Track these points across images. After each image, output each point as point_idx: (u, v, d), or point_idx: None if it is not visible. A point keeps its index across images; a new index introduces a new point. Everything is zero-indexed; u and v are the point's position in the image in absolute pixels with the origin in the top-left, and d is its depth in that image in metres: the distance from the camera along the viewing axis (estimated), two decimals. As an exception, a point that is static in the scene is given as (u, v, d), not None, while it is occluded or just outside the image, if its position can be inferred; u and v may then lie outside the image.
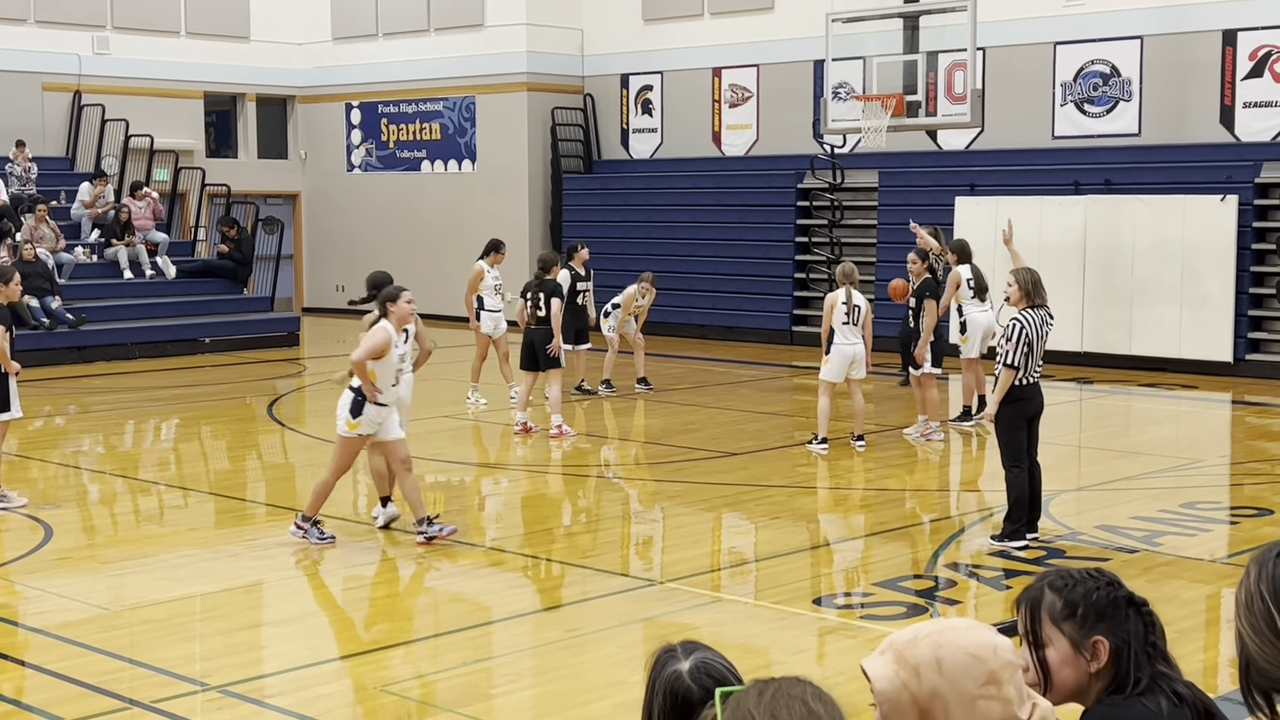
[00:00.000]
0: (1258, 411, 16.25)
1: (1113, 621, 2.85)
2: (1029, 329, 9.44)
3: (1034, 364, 9.55)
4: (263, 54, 27.44)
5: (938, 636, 2.39)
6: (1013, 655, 2.39)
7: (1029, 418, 9.70)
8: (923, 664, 2.36)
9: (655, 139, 25.16)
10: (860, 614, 8.32)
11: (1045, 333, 9.56)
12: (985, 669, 2.35)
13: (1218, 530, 10.51)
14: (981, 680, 2.34)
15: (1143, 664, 2.84)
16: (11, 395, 10.81)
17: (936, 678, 2.35)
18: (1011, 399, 9.57)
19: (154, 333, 21.46)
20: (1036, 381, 9.65)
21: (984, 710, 2.34)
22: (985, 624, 2.43)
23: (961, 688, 2.34)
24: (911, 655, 2.38)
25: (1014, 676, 2.37)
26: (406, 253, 26.73)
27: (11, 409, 10.84)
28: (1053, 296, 18.81)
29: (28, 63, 24.17)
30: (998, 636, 2.40)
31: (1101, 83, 20.21)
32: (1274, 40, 18.80)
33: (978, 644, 2.37)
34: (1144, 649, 2.85)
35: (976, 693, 2.34)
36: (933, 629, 2.42)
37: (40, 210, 21.39)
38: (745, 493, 11.66)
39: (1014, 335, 9.45)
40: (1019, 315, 9.51)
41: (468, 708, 6.72)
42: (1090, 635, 2.84)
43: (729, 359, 20.71)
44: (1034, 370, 9.57)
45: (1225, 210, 18.37)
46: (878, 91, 18.88)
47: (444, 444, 13.84)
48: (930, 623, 2.47)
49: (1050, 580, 2.95)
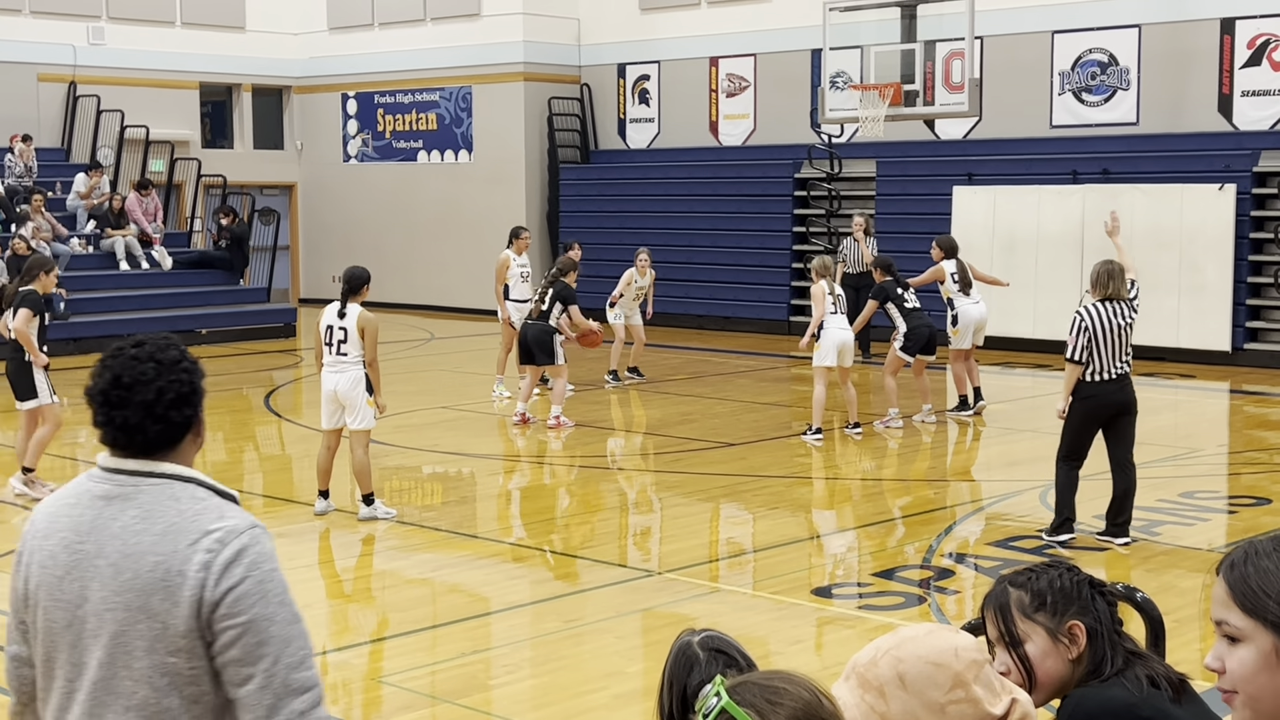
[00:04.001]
0: (1256, 400, 16.24)
1: (1082, 604, 2.87)
2: (1089, 321, 9.08)
3: (1108, 359, 9.12)
4: (258, 44, 27.38)
5: (896, 651, 2.38)
6: (977, 652, 2.36)
7: (1110, 416, 9.25)
8: (886, 684, 2.35)
9: (652, 129, 25.12)
10: (859, 604, 8.31)
11: (1119, 325, 9.10)
12: (949, 674, 2.33)
13: (1216, 519, 10.50)
14: (947, 686, 2.32)
15: (1115, 644, 2.85)
16: (39, 383, 10.93)
17: (902, 694, 2.33)
18: (1082, 395, 9.20)
19: (150, 324, 21.39)
20: (1117, 377, 9.18)
21: (956, 715, 2.32)
22: (946, 626, 2.40)
23: (929, 699, 2.32)
24: (874, 676, 2.36)
25: (980, 674, 2.35)
26: (403, 243, 26.71)
27: (40, 395, 10.96)
28: (1050, 286, 18.91)
29: (23, 53, 24.10)
30: (958, 637, 2.38)
31: (1099, 71, 20.18)
32: (1272, 28, 18.76)
33: (937, 650, 2.35)
34: (1113, 629, 2.87)
35: (944, 700, 2.32)
36: (891, 644, 2.41)
37: (37, 201, 21.35)
38: (743, 483, 11.64)
39: (1074, 328, 9.12)
40: (1081, 308, 9.22)
41: (466, 698, 6.71)
42: (1065, 621, 2.85)
43: (726, 349, 20.69)
44: (1112, 366, 9.14)
45: (1223, 199, 18.35)
46: (875, 81, 18.85)
47: (441, 434, 13.82)
48: (888, 637, 2.45)
49: (1010, 578, 2.95)
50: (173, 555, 2.75)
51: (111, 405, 2.83)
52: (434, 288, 26.29)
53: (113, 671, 2.78)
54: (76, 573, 2.82)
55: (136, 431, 2.83)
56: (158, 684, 2.76)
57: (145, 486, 2.83)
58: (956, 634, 2.39)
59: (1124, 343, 9.17)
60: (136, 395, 2.82)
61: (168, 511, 2.80)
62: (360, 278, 10.20)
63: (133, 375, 2.84)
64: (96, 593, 2.79)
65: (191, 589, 2.73)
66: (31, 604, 2.90)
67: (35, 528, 2.92)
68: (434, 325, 24.18)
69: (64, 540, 2.84)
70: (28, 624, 2.93)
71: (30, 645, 2.94)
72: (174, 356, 2.89)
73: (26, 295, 10.91)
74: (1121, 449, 9.32)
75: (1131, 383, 9.33)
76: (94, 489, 2.87)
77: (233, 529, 2.79)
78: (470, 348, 21.05)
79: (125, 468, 2.85)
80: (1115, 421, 9.29)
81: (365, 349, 9.99)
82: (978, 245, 20.22)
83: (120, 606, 2.77)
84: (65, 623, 2.83)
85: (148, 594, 2.75)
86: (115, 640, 2.77)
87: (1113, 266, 9.33)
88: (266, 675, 2.73)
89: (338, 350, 10.04)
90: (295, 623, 2.79)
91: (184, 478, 2.86)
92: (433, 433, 13.76)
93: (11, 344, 10.98)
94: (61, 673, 2.85)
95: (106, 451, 2.89)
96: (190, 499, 2.82)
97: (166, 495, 2.82)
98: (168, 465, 2.86)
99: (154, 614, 2.75)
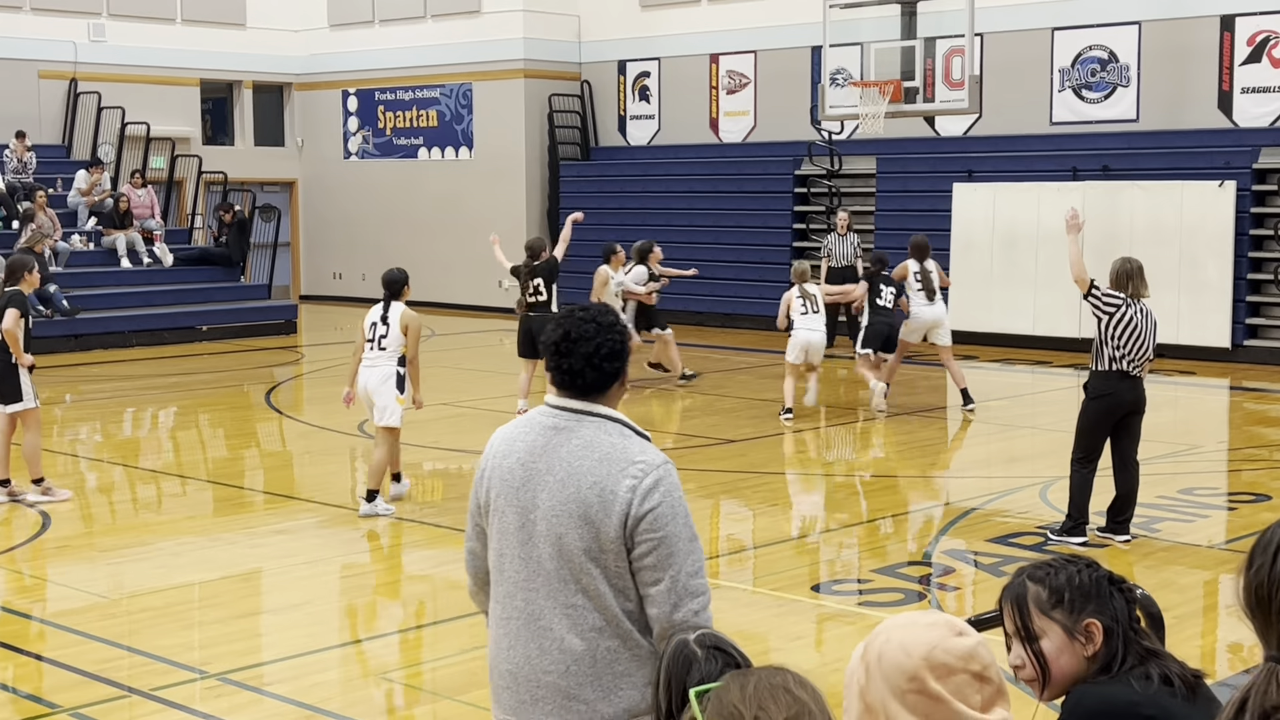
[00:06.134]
0: (1256, 397, 16.26)
1: (1100, 602, 2.85)
2: (1140, 319, 8.94)
3: (1121, 356, 9.02)
4: (259, 41, 27.38)
5: (891, 631, 2.39)
6: (958, 660, 2.34)
7: (1123, 415, 9.19)
8: (870, 658, 2.36)
9: (653, 126, 25.12)
10: (859, 600, 8.32)
11: (1137, 323, 8.96)
12: (914, 664, 2.32)
13: (1215, 516, 10.52)
14: (907, 676, 2.32)
15: (1130, 641, 2.83)
16: (24, 385, 10.62)
17: (877, 671, 2.35)
18: (1097, 394, 9.14)
19: (151, 320, 21.45)
20: (1134, 376, 9.09)
21: (912, 705, 2.31)
22: (950, 622, 2.39)
23: (893, 683, 2.33)
24: (871, 648, 2.38)
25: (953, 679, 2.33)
26: (403, 240, 26.71)
27: (24, 399, 10.65)
28: (1050, 283, 18.91)
29: (23, 50, 24.11)
30: (951, 640, 2.35)
31: (1099, 68, 20.18)
32: (1272, 25, 18.76)
33: (914, 641, 2.34)
34: (1130, 626, 2.85)
35: (905, 688, 2.32)
36: (894, 622, 2.42)
37: (39, 198, 21.36)
38: (743, 479, 11.66)
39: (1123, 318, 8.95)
40: (1137, 303, 9.05)
41: (467, 695, 6.72)
42: (1081, 619, 2.83)
43: (726, 346, 20.70)
44: (1126, 363, 9.03)
45: (1223, 196, 18.36)
46: (875, 77, 18.85)
47: (442, 431, 13.83)
48: (900, 615, 2.46)
49: (1029, 572, 2.93)
50: (607, 478, 3.50)
51: (560, 354, 3.59)
52: (434, 284, 26.25)
53: (557, 565, 3.53)
54: (530, 485, 3.59)
55: (578, 376, 3.59)
56: (590, 570, 3.50)
57: (586, 421, 3.59)
58: (955, 637, 2.37)
59: (1151, 343, 9.11)
60: (580, 348, 3.57)
61: (602, 444, 3.55)
62: (399, 280, 10.42)
63: (578, 332, 3.58)
64: (545, 501, 3.55)
65: (621, 506, 3.48)
66: (489, 510, 3.67)
67: (494, 449, 3.72)
68: (434, 322, 24.16)
69: (520, 459, 3.62)
70: (481, 526, 3.72)
71: (480, 542, 3.73)
72: (610, 320, 3.64)
73: (13, 295, 10.64)
74: (1128, 447, 9.30)
75: (1143, 383, 9.34)
76: (545, 421, 3.64)
77: (651, 462, 3.54)
78: (471, 344, 21.06)
79: (569, 406, 3.62)
80: (1125, 420, 9.26)
81: (408, 345, 10.25)
82: (978, 242, 20.25)
83: (565, 514, 3.52)
84: (518, 524, 3.59)
85: (586, 506, 3.50)
86: (560, 540, 3.51)
87: (1131, 266, 9.16)
88: (672, 579, 3.48)
89: (378, 345, 10.28)
90: (694, 540, 3.54)
91: (612, 418, 3.61)
92: (434, 429, 13.77)
93: None
94: (510, 566, 3.61)
95: (554, 392, 3.64)
96: (619, 435, 3.59)
97: (601, 431, 3.58)
98: (600, 407, 3.62)
99: (590, 522, 3.49)
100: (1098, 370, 9.18)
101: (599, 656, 3.52)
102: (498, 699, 3.68)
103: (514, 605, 3.61)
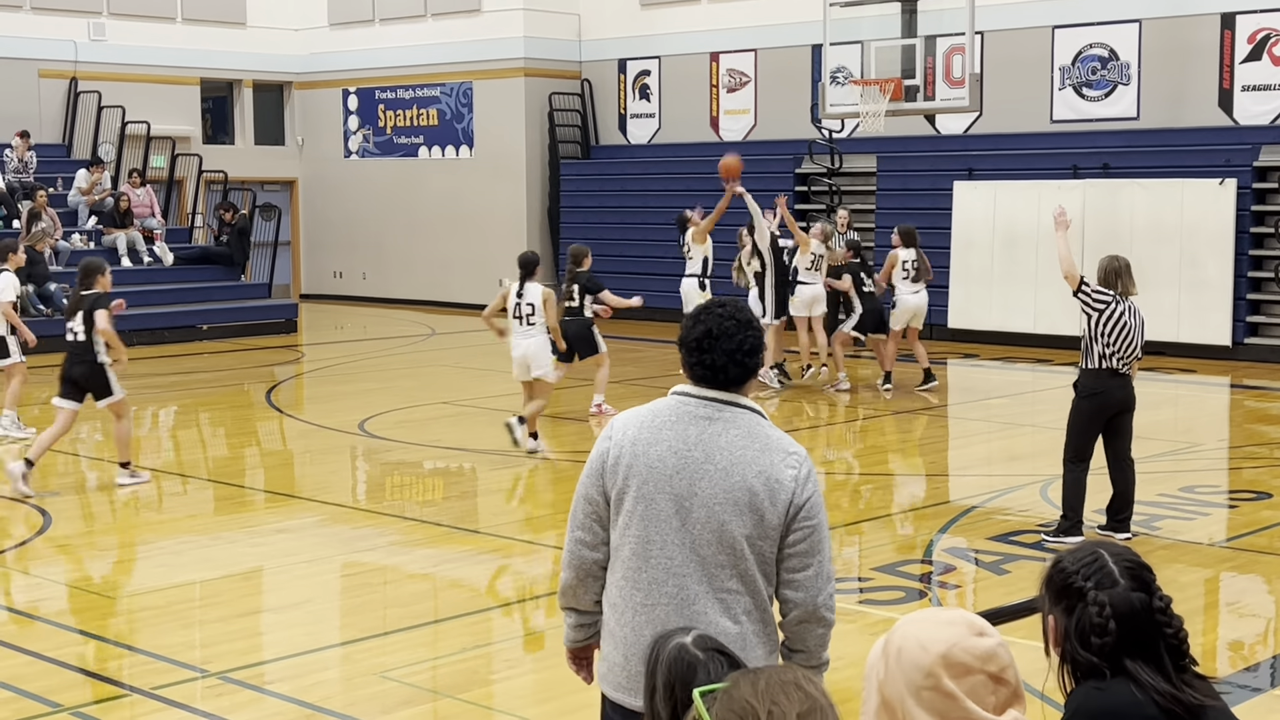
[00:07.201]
0: (1256, 395, 16.25)
1: (1063, 605, 2.83)
2: (1130, 318, 8.92)
3: (1111, 354, 8.99)
4: (259, 40, 27.38)
5: (912, 626, 2.39)
6: (976, 660, 2.34)
7: (1114, 413, 9.17)
8: (890, 652, 2.37)
9: (653, 124, 25.12)
10: (859, 599, 8.32)
11: (1127, 321, 8.92)
12: (930, 659, 2.32)
13: (1216, 514, 10.52)
14: (924, 672, 2.33)
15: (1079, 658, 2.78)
16: (111, 380, 11.07)
17: (896, 666, 2.36)
18: (1088, 392, 9.14)
19: (151, 320, 21.43)
20: (1124, 375, 9.07)
21: (928, 702, 2.32)
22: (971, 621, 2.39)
23: (910, 679, 2.33)
24: (891, 642, 2.39)
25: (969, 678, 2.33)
26: (404, 239, 26.71)
27: (115, 392, 11.11)
28: (1050, 281, 18.88)
29: (24, 49, 24.11)
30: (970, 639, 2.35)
31: (1100, 66, 20.18)
32: (1273, 23, 18.76)
33: (933, 638, 2.35)
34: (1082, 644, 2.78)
35: (921, 684, 2.33)
36: (916, 616, 2.42)
37: (40, 197, 21.35)
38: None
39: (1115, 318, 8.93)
40: (1126, 301, 9.01)
41: (467, 693, 6.72)
42: (1049, 612, 2.85)
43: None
44: (1116, 360, 9.00)
45: (1224, 194, 18.36)
46: (876, 76, 18.84)
47: (443, 430, 13.83)
48: (922, 610, 2.46)
49: (1068, 549, 2.97)
50: (771, 466, 3.61)
51: (703, 350, 3.65)
52: (435, 283, 26.29)
53: (714, 551, 3.60)
54: (685, 472, 3.62)
55: (720, 371, 3.65)
56: (747, 556, 3.61)
57: (738, 412, 3.66)
58: (975, 637, 2.37)
59: (1140, 341, 9.10)
60: (723, 344, 3.64)
61: (761, 433, 3.65)
62: (533, 261, 12.26)
63: (720, 329, 3.64)
64: (705, 489, 3.61)
65: (786, 494, 3.60)
66: (624, 498, 3.70)
67: (630, 437, 3.71)
68: (435, 321, 24.19)
69: (671, 446, 3.65)
70: (601, 517, 3.77)
71: (593, 534, 3.78)
72: (748, 317, 3.70)
73: (98, 297, 10.98)
74: (1121, 445, 9.29)
75: (1132, 381, 9.33)
76: (693, 410, 3.68)
77: (802, 452, 3.69)
78: (471, 343, 21.04)
79: (716, 398, 3.67)
80: (1116, 419, 9.26)
81: (548, 317, 12.08)
82: (978, 240, 20.25)
83: (728, 502, 3.59)
84: (673, 510, 3.64)
85: (753, 494, 3.58)
86: (722, 527, 3.59)
87: (1118, 264, 9.13)
88: (819, 565, 3.68)
89: (526, 321, 12.08)
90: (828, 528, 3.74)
91: (754, 410, 3.70)
92: (434, 428, 13.77)
93: (82, 345, 10.99)
94: (661, 553, 3.65)
95: (688, 384, 3.70)
96: (769, 425, 3.70)
97: (753, 422, 3.67)
98: (744, 399, 3.69)
99: (756, 509, 3.59)
100: (1087, 368, 9.18)
101: (747, 640, 3.66)
102: (635, 687, 3.67)
103: (663, 591, 3.66)
